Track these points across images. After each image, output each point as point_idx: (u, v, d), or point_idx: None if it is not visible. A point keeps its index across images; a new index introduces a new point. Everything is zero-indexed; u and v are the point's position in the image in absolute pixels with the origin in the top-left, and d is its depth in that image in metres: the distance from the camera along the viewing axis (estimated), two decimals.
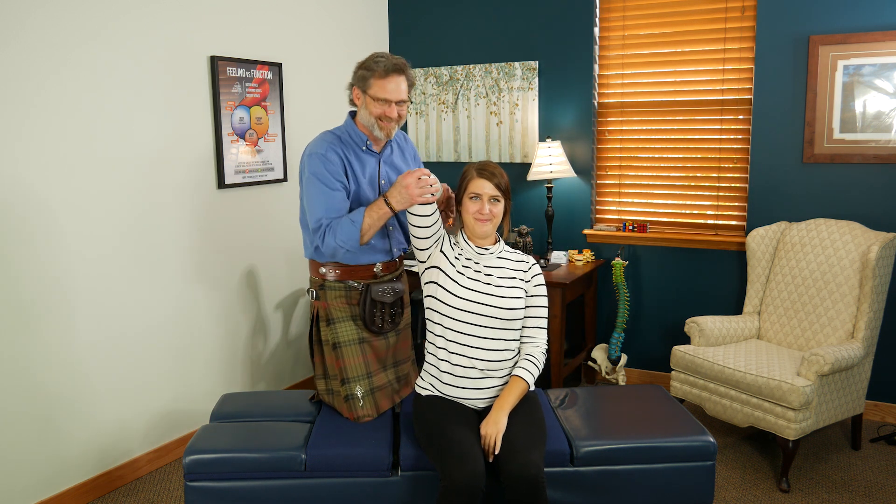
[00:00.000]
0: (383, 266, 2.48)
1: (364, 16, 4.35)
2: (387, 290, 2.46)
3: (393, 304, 2.49)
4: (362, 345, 2.44)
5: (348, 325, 2.44)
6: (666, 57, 3.87)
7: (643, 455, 2.28)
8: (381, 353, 2.49)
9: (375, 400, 2.44)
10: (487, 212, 2.25)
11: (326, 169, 2.33)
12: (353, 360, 2.42)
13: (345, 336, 2.43)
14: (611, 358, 3.87)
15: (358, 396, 2.41)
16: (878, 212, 3.40)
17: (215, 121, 3.33)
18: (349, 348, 2.42)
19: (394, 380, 2.53)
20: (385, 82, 2.33)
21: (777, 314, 3.39)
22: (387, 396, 2.48)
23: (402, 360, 2.58)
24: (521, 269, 2.32)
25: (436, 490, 2.16)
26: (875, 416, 3.56)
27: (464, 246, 2.32)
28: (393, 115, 2.36)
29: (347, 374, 2.41)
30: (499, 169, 2.30)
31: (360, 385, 2.41)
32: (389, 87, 2.33)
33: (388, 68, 2.33)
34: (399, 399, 2.54)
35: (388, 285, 2.47)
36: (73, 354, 2.81)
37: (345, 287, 2.44)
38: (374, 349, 2.47)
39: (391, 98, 2.34)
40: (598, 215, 4.17)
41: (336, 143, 2.39)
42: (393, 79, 2.34)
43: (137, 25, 2.95)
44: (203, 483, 2.23)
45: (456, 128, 4.41)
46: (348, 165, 2.37)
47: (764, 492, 2.92)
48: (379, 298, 2.44)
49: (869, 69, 3.34)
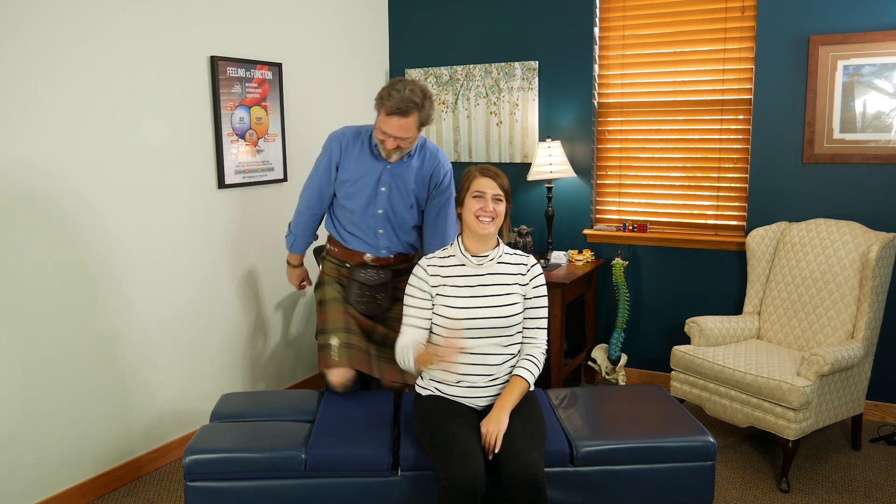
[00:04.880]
0: (374, 258, 2.68)
1: (364, 16, 4.35)
2: (371, 274, 2.67)
3: (374, 287, 2.66)
4: (345, 304, 2.68)
5: (334, 287, 2.72)
6: (666, 57, 3.87)
7: (643, 455, 2.28)
8: (361, 321, 2.67)
9: (352, 355, 2.59)
10: (491, 209, 2.24)
11: (323, 156, 2.64)
12: (334, 314, 2.66)
13: (330, 294, 2.70)
14: (611, 358, 3.87)
15: (333, 345, 2.59)
16: (878, 212, 3.40)
17: (215, 121, 3.33)
18: (332, 304, 2.68)
19: (375, 354, 2.66)
20: (388, 119, 2.42)
21: (777, 314, 3.39)
22: (363, 361, 2.62)
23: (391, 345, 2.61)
24: (520, 273, 2.31)
25: (436, 490, 2.16)
26: (875, 416, 3.56)
27: (460, 258, 2.31)
28: (389, 146, 2.47)
29: (328, 325, 2.65)
30: (499, 170, 2.32)
31: (337, 336, 2.61)
32: (391, 122, 2.42)
33: (392, 110, 2.39)
34: (378, 373, 2.63)
35: (374, 271, 2.67)
36: (73, 354, 2.81)
37: (338, 264, 2.73)
38: (352, 312, 2.67)
39: (391, 134, 2.44)
40: (598, 215, 4.17)
41: (349, 136, 2.61)
42: (394, 119, 2.41)
43: (137, 25, 2.95)
44: (203, 483, 2.23)
45: (456, 128, 4.41)
46: (345, 156, 2.58)
47: (764, 492, 2.92)
48: (360, 279, 2.66)
49: (869, 69, 3.34)
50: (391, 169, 2.58)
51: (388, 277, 2.68)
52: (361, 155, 2.58)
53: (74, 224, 2.78)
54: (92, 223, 2.85)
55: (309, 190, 2.74)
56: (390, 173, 2.59)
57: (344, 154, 2.61)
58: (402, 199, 2.63)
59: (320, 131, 4.00)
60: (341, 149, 2.61)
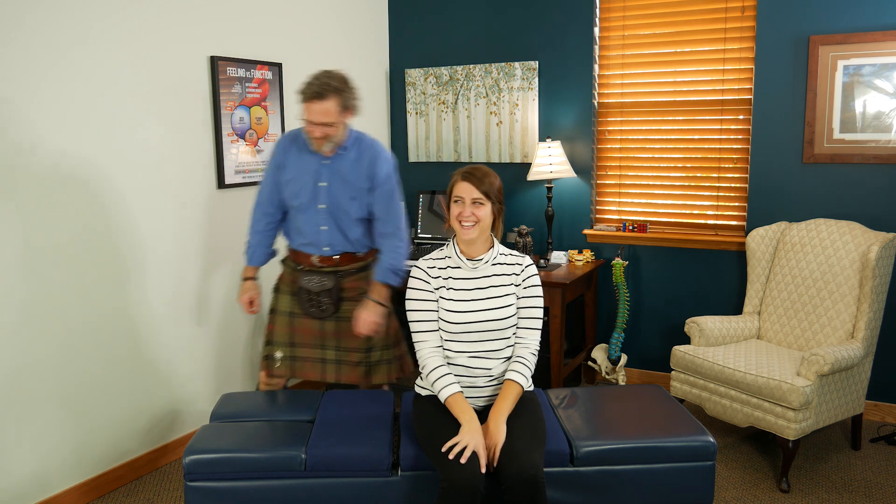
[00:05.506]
0: (320, 259, 2.71)
1: (364, 16, 4.35)
2: (314, 280, 2.71)
3: (319, 293, 2.70)
4: (292, 318, 2.76)
5: (286, 298, 2.78)
6: (666, 57, 3.87)
7: (643, 455, 2.28)
8: (311, 330, 2.75)
9: (293, 366, 2.76)
10: (469, 214, 2.20)
11: (270, 161, 2.74)
12: (281, 327, 2.77)
13: (281, 306, 2.79)
14: (611, 358, 3.87)
15: (276, 357, 2.76)
16: (878, 212, 3.40)
17: (215, 121, 3.33)
18: (280, 317, 2.78)
19: (333, 359, 2.75)
20: (309, 105, 2.51)
21: (777, 314, 3.39)
22: (314, 369, 2.76)
23: (351, 348, 2.73)
24: (514, 273, 2.29)
25: (435, 490, 2.16)
26: (875, 416, 3.56)
27: (456, 260, 2.30)
28: (315, 134, 2.54)
29: (274, 337, 2.78)
30: (487, 172, 2.25)
31: (282, 349, 2.76)
32: (310, 109, 2.51)
33: (310, 95, 2.49)
34: (335, 378, 2.76)
35: (318, 277, 2.71)
36: (72, 355, 2.81)
37: (293, 267, 2.78)
38: (301, 326, 2.75)
39: (313, 120, 2.52)
40: (598, 215, 4.17)
41: (289, 137, 2.72)
42: (314, 104, 2.49)
43: (137, 25, 2.94)
44: (203, 483, 2.23)
45: (456, 128, 4.41)
46: (286, 157, 2.68)
47: (764, 492, 2.92)
48: (304, 285, 2.72)
49: (869, 69, 3.34)
50: (329, 164, 2.64)
51: (331, 284, 2.70)
52: (300, 153, 2.66)
53: (73, 224, 2.78)
54: (91, 223, 2.85)
55: (261, 196, 2.79)
56: (328, 168, 2.64)
57: (285, 155, 2.69)
58: (342, 191, 2.65)
59: None
60: (282, 150, 2.70)
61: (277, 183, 2.73)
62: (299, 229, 2.72)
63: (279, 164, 2.71)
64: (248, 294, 2.83)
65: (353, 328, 2.68)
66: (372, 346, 2.75)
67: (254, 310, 2.85)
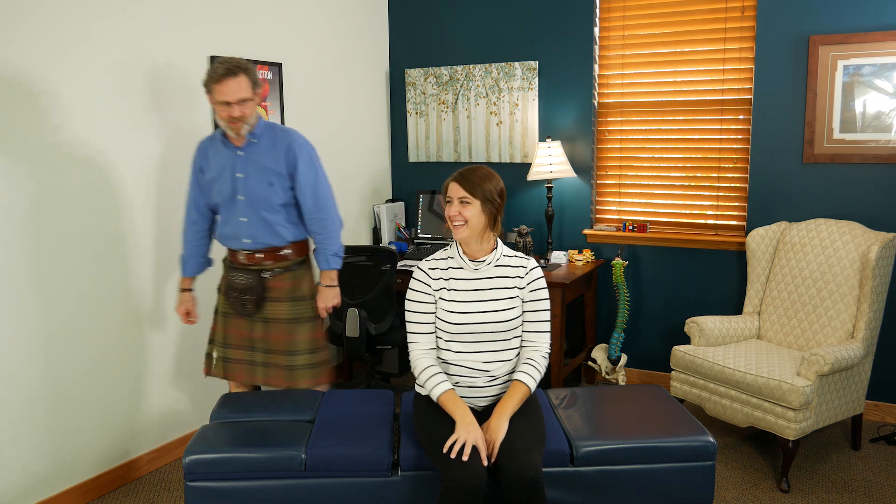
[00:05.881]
0: (246, 256, 2.71)
1: (364, 16, 4.35)
2: (238, 277, 2.72)
3: (241, 290, 2.70)
4: (226, 318, 2.79)
5: (222, 297, 2.82)
6: (666, 57, 3.87)
7: (643, 455, 2.28)
8: (242, 332, 2.76)
9: (226, 367, 2.79)
10: (456, 213, 2.20)
11: (192, 167, 2.76)
12: (218, 327, 2.81)
13: (218, 305, 2.84)
14: (611, 358, 3.87)
15: (213, 357, 2.81)
16: (878, 212, 3.40)
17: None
18: (218, 316, 2.83)
19: (261, 362, 2.76)
20: (220, 86, 2.50)
21: (777, 314, 3.39)
22: (244, 372, 2.78)
23: (275, 350, 2.74)
24: (519, 276, 2.28)
25: (436, 490, 2.16)
26: (875, 416, 3.56)
27: (458, 260, 2.29)
28: (236, 114, 2.53)
29: (213, 336, 2.83)
30: (480, 174, 2.22)
31: (217, 349, 2.80)
32: (224, 89, 2.50)
33: (221, 73, 2.49)
34: (262, 381, 2.78)
35: (243, 274, 2.72)
36: (72, 355, 2.81)
37: (228, 267, 2.80)
38: (233, 326, 2.78)
39: (229, 99, 2.50)
40: (598, 215, 4.17)
41: (206, 139, 2.76)
42: (227, 82, 2.49)
43: (137, 25, 2.95)
44: (203, 483, 2.23)
45: (456, 128, 4.41)
46: (205, 158, 2.71)
47: (764, 492, 2.92)
48: (230, 282, 2.75)
49: (869, 69, 3.34)
50: (243, 155, 2.64)
51: (254, 281, 2.69)
52: (217, 151, 2.68)
53: (73, 224, 2.78)
54: (91, 224, 2.85)
55: (187, 205, 2.81)
56: (244, 159, 2.64)
57: (202, 156, 2.72)
58: (259, 180, 2.63)
59: (320, 131, 4.01)
60: (200, 152, 2.73)
61: (201, 187, 2.74)
62: (224, 225, 2.73)
63: (200, 168, 2.73)
64: (185, 305, 2.85)
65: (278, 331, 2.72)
66: (296, 349, 2.74)
67: (191, 320, 2.87)
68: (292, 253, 2.75)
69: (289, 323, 2.74)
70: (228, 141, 2.66)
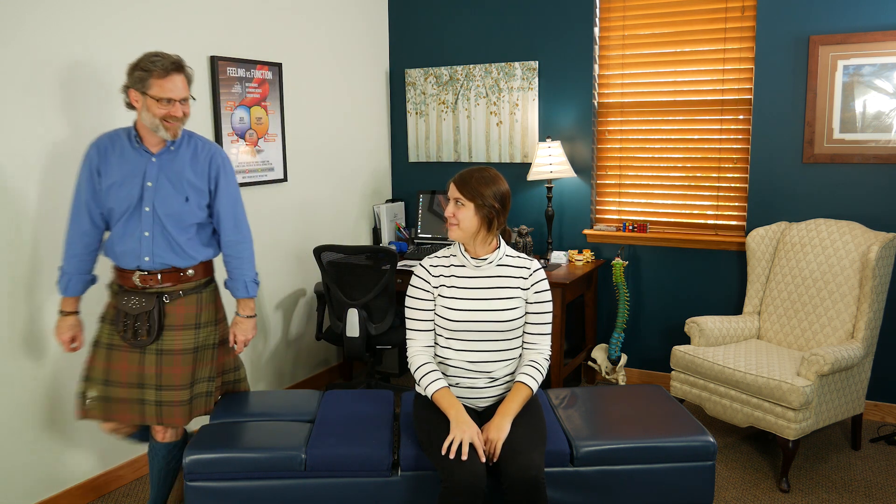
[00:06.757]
0: (141, 277, 2.36)
1: (364, 16, 4.35)
2: (132, 301, 2.36)
3: (137, 316, 2.35)
4: (110, 350, 2.40)
5: (107, 327, 2.43)
6: (666, 57, 3.87)
7: (643, 455, 2.28)
8: (130, 367, 2.38)
9: (107, 407, 2.39)
10: (451, 214, 2.23)
11: (83, 170, 2.36)
12: (98, 361, 2.40)
13: (101, 336, 2.43)
14: (611, 358, 3.87)
15: (88, 396, 2.39)
16: (878, 212, 3.40)
17: (215, 121, 3.33)
18: (100, 350, 2.41)
19: (153, 400, 2.38)
20: (165, 82, 2.26)
21: (777, 314, 3.39)
22: (130, 411, 2.39)
23: (174, 385, 2.39)
24: (522, 276, 2.29)
25: (436, 490, 2.16)
26: (875, 416, 3.56)
27: (461, 258, 2.30)
28: (178, 114, 2.31)
29: (89, 372, 2.41)
30: (481, 177, 2.22)
31: (95, 387, 2.39)
32: (169, 86, 2.27)
33: (167, 67, 2.26)
34: (155, 420, 2.40)
35: (138, 297, 2.36)
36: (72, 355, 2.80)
37: (117, 290, 2.42)
38: (119, 360, 2.39)
39: (174, 97, 2.28)
40: (598, 215, 4.17)
41: (105, 139, 2.38)
42: (173, 78, 2.28)
43: (137, 25, 2.94)
44: (203, 483, 2.23)
45: (456, 128, 4.41)
46: (106, 160, 2.34)
47: (764, 492, 2.92)
48: (122, 307, 2.37)
49: (869, 69, 3.34)
50: (158, 162, 2.35)
51: (150, 306, 2.35)
52: (123, 153, 2.34)
53: None
54: None
55: (74, 214, 2.39)
56: (157, 166, 2.34)
57: (103, 158, 2.34)
58: (173, 192, 2.35)
59: (320, 131, 4.01)
60: (99, 152, 2.35)
61: (95, 193, 2.35)
62: (121, 239, 2.36)
63: (95, 168, 2.34)
64: (71, 331, 2.43)
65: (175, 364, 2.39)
66: (196, 379, 2.45)
67: (75, 346, 2.48)
68: (195, 274, 2.44)
69: (189, 354, 2.42)
70: (142, 143, 2.35)
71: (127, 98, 2.33)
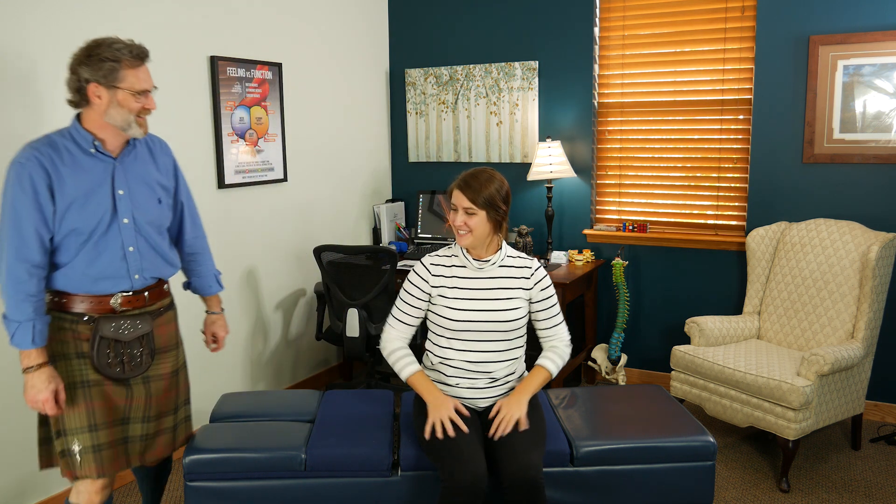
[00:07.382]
0: (126, 299, 2.04)
1: (364, 16, 4.35)
2: (124, 326, 2.04)
3: (131, 342, 2.05)
4: (87, 389, 2.01)
5: (71, 364, 2.01)
6: (666, 57, 3.87)
7: (643, 455, 2.28)
8: (114, 403, 2.05)
9: (100, 458, 2.01)
10: (461, 223, 2.20)
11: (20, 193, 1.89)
12: (73, 408, 2.00)
13: (77, 376, 2.01)
14: (611, 358, 3.87)
15: (75, 451, 1.99)
16: (878, 212, 3.40)
17: (215, 121, 3.33)
18: (78, 391, 2.00)
19: (140, 434, 2.10)
20: (139, 71, 1.97)
21: (777, 314, 3.39)
22: (130, 453, 2.10)
23: (162, 413, 2.17)
24: (524, 276, 2.29)
25: (436, 490, 2.16)
26: (875, 416, 3.56)
27: (462, 259, 2.29)
28: (154, 106, 2.03)
29: (65, 424, 1.99)
30: (484, 181, 2.20)
31: (79, 439, 1.99)
32: (143, 75, 1.99)
33: (138, 55, 1.97)
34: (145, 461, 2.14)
35: (129, 321, 2.05)
36: None
37: (71, 320, 2.01)
38: (103, 397, 2.03)
39: (149, 87, 2.01)
40: (598, 215, 4.17)
41: (46, 150, 1.93)
42: (145, 66, 2.00)
43: (137, 25, 2.94)
44: (203, 483, 2.23)
45: (456, 128, 4.41)
46: (58, 174, 1.92)
47: (764, 492, 2.92)
48: (109, 335, 2.01)
49: (869, 69, 3.34)
50: (121, 165, 2.03)
51: (147, 328, 2.08)
52: (77, 163, 1.96)
53: None
54: None
55: (22, 246, 1.91)
56: (123, 170, 2.03)
57: (54, 172, 1.92)
58: (146, 195, 2.08)
59: (320, 131, 4.01)
60: (46, 168, 1.91)
61: (48, 216, 1.92)
62: (92, 262, 1.99)
63: (46, 191, 1.91)
64: (52, 383, 1.95)
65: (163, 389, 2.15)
66: (178, 402, 2.25)
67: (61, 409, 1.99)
68: (168, 287, 2.22)
69: (174, 376, 2.22)
70: (100, 146, 1.99)
71: (77, 95, 1.98)
